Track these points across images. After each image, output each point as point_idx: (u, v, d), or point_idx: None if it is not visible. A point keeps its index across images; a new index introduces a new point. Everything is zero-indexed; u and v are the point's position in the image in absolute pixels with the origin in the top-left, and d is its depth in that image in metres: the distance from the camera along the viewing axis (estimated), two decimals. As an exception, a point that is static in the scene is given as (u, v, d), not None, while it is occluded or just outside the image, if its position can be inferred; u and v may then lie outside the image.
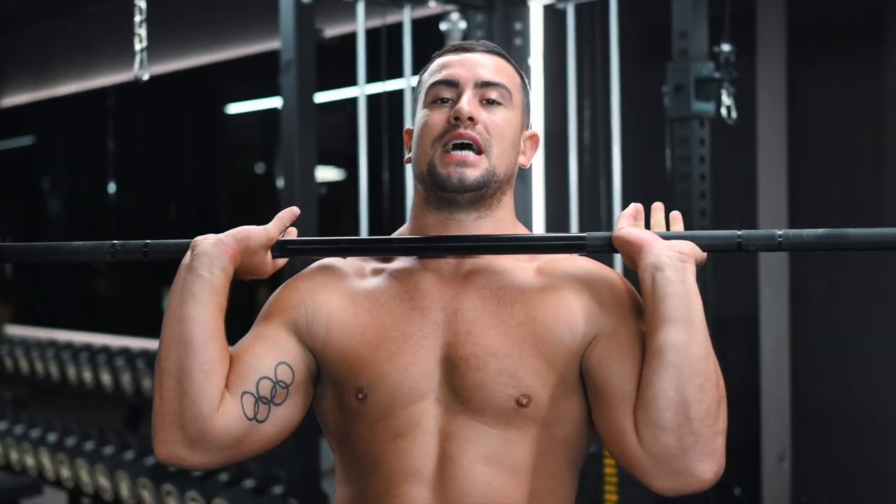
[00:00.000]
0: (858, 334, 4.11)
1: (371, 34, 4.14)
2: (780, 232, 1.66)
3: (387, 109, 4.33)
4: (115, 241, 1.80)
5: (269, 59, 5.56)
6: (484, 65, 1.73)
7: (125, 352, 6.11)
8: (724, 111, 3.60)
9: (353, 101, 4.30)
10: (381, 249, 1.75)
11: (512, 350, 1.64)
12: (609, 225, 4.03)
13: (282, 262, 1.76)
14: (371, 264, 1.76)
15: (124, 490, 5.55)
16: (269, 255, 1.73)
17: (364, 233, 4.07)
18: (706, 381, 1.55)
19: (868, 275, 4.04)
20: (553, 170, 4.40)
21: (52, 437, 6.13)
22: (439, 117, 1.70)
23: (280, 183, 6.09)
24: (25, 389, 7.17)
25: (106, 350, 6.29)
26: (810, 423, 4.22)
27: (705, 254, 1.65)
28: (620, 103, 4.01)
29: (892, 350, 4.03)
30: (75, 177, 7.88)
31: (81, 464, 5.83)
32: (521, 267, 1.72)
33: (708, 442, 1.53)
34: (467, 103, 1.68)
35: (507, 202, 1.76)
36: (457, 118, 1.68)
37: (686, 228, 3.66)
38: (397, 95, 4.30)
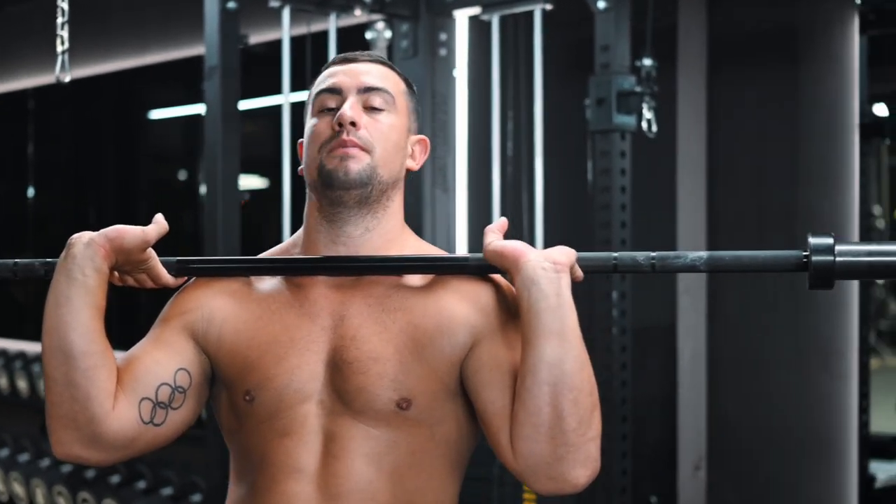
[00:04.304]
0: (773, 346, 4.19)
1: (296, 42, 4.13)
2: (615, 254, 1.73)
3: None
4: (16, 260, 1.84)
5: (193, 65, 5.52)
6: (367, 72, 1.78)
7: (41, 358, 6.02)
8: (644, 124, 3.65)
9: (276, 109, 4.29)
10: (272, 271, 1.79)
11: (393, 356, 1.69)
12: (531, 236, 4.07)
13: (182, 278, 1.79)
14: (255, 286, 1.80)
15: (40, 498, 5.49)
16: (154, 258, 1.74)
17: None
18: (580, 394, 1.60)
19: (782, 288, 4.11)
20: (476, 180, 4.43)
21: (-34, 445, 6.04)
22: (325, 125, 1.75)
23: (203, 190, 6.06)
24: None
25: (22, 356, 6.20)
26: (726, 432, 4.29)
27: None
28: (543, 115, 4.05)
29: (805, 362, 4.10)
30: (-5, 180, 7.76)
31: (-5, 471, 5.75)
32: (408, 288, 1.75)
33: (581, 450, 1.60)
34: (350, 108, 1.72)
35: (395, 210, 1.80)
36: (340, 124, 1.72)
37: (606, 241, 3.70)
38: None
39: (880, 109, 4.39)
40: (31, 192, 7.16)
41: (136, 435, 1.69)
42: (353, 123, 1.72)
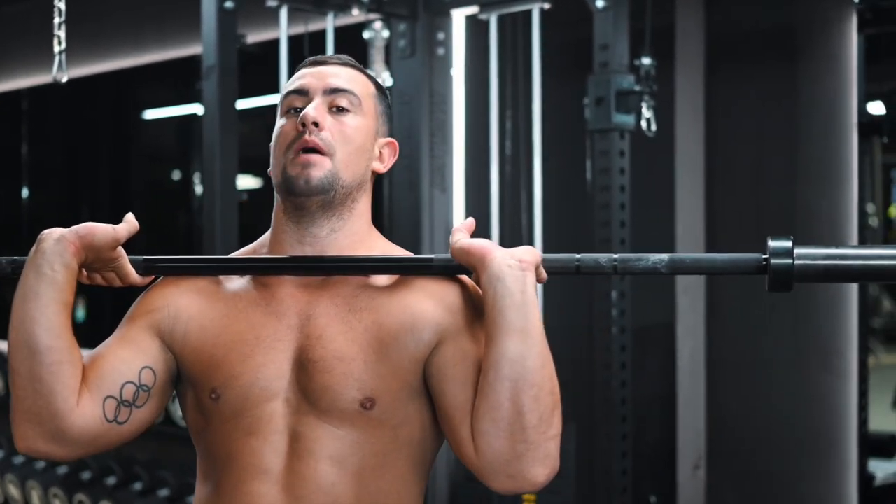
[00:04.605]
0: (772, 345, 4.18)
1: (294, 41, 4.12)
2: (578, 256, 1.74)
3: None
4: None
5: (188, 65, 5.50)
6: (335, 74, 1.81)
7: (37, 359, 5.99)
8: (644, 124, 3.65)
9: (271, 109, 4.27)
10: (239, 270, 1.81)
11: (357, 355, 1.71)
12: (530, 236, 4.06)
13: (149, 277, 1.80)
14: (222, 285, 1.81)
15: (35, 500, 5.46)
16: (123, 256, 1.75)
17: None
18: (540, 392, 1.61)
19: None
20: (474, 180, 4.42)
21: (-40, 447, 6.01)
22: (290, 126, 1.77)
23: (198, 190, 6.03)
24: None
25: (17, 357, 6.17)
26: (725, 432, 4.28)
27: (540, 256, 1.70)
28: (542, 114, 4.04)
29: (804, 360, 4.10)
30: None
31: (-9, 473, 5.72)
32: (375, 287, 1.77)
33: (541, 448, 1.61)
34: (314, 109, 1.75)
35: (362, 211, 1.82)
36: (303, 124, 1.74)
37: (606, 240, 3.71)
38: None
39: (876, 107, 4.39)
40: (25, 192, 7.14)
41: (99, 432, 1.70)
42: (315, 124, 1.74)
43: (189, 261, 1.84)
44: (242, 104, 4.15)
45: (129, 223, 1.74)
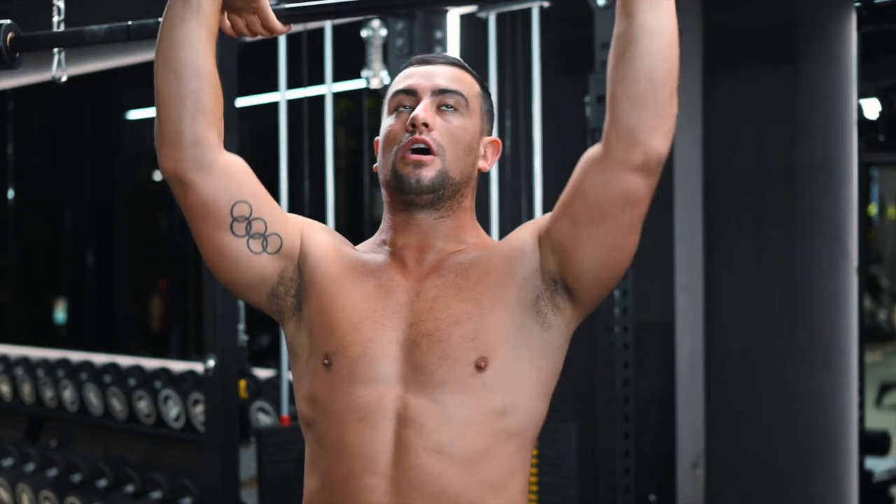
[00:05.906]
0: (770, 343, 4.19)
1: (291, 39, 4.10)
2: None
3: (307, 115, 4.30)
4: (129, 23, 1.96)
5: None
6: (442, 74, 1.86)
7: (24, 361, 5.95)
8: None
9: (267, 107, 4.25)
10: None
11: (473, 311, 1.75)
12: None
13: (289, 26, 1.84)
14: (352, 248, 1.89)
15: (26, 503, 5.42)
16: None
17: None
18: (673, 67, 1.63)
19: (780, 284, 4.12)
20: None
21: (-52, 450, 5.96)
22: (399, 125, 1.83)
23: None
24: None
25: (4, 359, 6.13)
26: (724, 430, 4.29)
27: None
28: (542, 113, 4.03)
29: (802, 357, 4.11)
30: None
31: (-20, 477, 5.68)
32: (479, 250, 1.83)
33: (667, 121, 1.64)
34: (423, 110, 1.81)
35: (468, 205, 1.87)
36: (413, 124, 1.79)
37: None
38: (317, 101, 4.26)
39: (872, 105, 4.40)
40: (10, 193, 7.08)
41: (222, 190, 1.75)
42: (425, 125, 1.79)
43: (328, 4, 1.89)
44: (239, 102, 4.13)
45: None
